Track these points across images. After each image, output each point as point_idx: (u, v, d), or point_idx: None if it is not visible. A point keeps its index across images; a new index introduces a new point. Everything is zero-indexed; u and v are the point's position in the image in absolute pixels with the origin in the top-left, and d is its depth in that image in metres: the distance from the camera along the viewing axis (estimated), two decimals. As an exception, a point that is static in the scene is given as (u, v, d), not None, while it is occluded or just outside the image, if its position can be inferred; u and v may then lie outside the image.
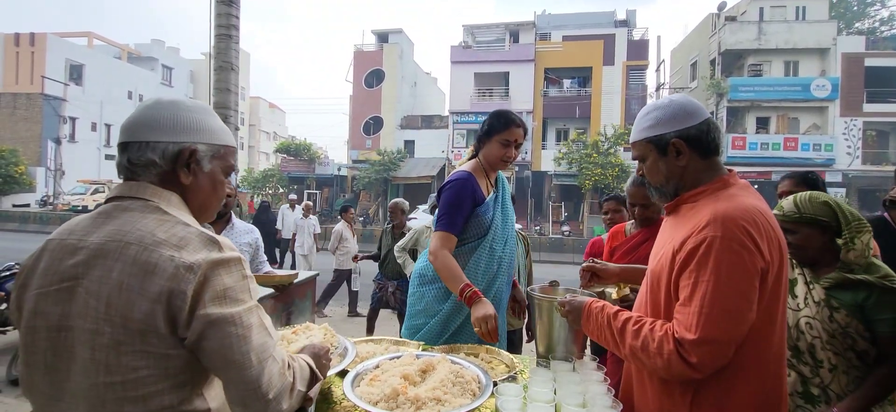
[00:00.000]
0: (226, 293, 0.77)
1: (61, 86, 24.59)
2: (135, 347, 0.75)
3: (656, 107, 1.16)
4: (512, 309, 2.05)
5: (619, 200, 2.82)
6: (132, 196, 0.83)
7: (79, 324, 0.76)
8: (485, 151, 1.84)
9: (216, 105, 3.71)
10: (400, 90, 26.34)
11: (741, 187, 1.09)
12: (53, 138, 24.10)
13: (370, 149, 25.15)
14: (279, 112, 49.45)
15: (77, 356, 0.76)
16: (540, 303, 1.52)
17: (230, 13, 3.62)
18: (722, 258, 0.95)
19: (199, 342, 0.76)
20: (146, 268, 0.75)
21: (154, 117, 0.85)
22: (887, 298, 1.36)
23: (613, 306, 1.19)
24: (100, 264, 0.76)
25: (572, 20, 25.27)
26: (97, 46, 30.84)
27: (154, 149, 0.84)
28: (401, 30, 27.54)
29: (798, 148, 19.38)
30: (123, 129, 0.87)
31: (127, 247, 0.76)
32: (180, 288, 0.74)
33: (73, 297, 0.77)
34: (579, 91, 23.46)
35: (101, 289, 0.75)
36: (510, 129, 1.78)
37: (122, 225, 0.79)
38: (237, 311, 0.78)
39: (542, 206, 22.81)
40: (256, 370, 0.77)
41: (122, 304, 0.74)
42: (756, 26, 20.73)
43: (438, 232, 1.75)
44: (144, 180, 0.85)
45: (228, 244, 0.83)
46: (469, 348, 1.69)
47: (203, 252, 0.78)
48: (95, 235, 0.79)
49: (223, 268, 0.78)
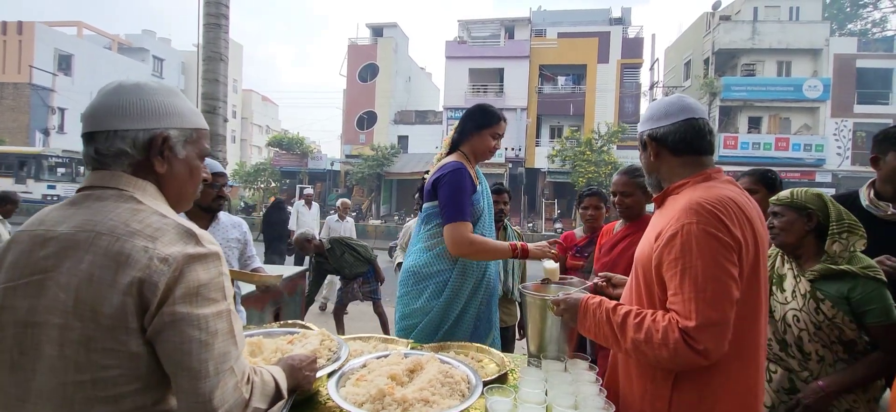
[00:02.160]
0: (198, 291, 0.73)
1: (50, 76, 24.14)
2: (105, 344, 0.71)
3: (649, 106, 1.27)
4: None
5: (600, 196, 2.80)
6: (105, 185, 0.79)
7: (47, 320, 0.72)
8: (475, 144, 1.88)
9: (205, 95, 3.64)
10: (394, 85, 26.18)
11: (722, 181, 1.14)
12: (41, 129, 23.67)
13: (364, 143, 24.99)
14: (272, 105, 48.98)
15: (44, 353, 0.72)
16: (532, 302, 1.49)
17: (220, 2, 3.54)
18: (702, 242, 1.00)
19: (158, 336, 0.72)
20: (118, 260, 0.71)
21: (119, 103, 0.80)
22: (871, 288, 1.40)
23: (611, 301, 1.18)
24: (70, 255, 0.72)
25: (568, 17, 25.24)
26: (87, 36, 30.29)
27: (123, 137, 0.79)
28: (396, 24, 27.34)
29: (789, 148, 19.56)
30: (87, 118, 0.81)
31: (99, 238, 0.73)
32: (152, 279, 0.70)
33: (42, 291, 0.72)
34: (574, 88, 23.47)
35: (71, 282, 0.71)
36: (500, 123, 1.89)
37: (93, 214, 0.75)
38: (205, 313, 0.74)
39: (536, 203, 22.84)
40: (211, 382, 0.73)
41: (93, 297, 0.70)
42: (750, 26, 20.84)
43: (453, 224, 1.72)
44: (117, 170, 0.80)
45: (208, 237, 0.78)
46: (459, 346, 1.66)
47: (179, 244, 0.74)
48: (65, 225, 0.75)
49: (199, 264, 0.74)
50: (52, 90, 23.95)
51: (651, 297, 1.11)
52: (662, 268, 1.06)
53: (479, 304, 1.85)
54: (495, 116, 1.89)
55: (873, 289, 1.40)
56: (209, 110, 3.59)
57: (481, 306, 1.86)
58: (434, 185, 1.80)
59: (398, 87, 26.69)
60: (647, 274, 1.12)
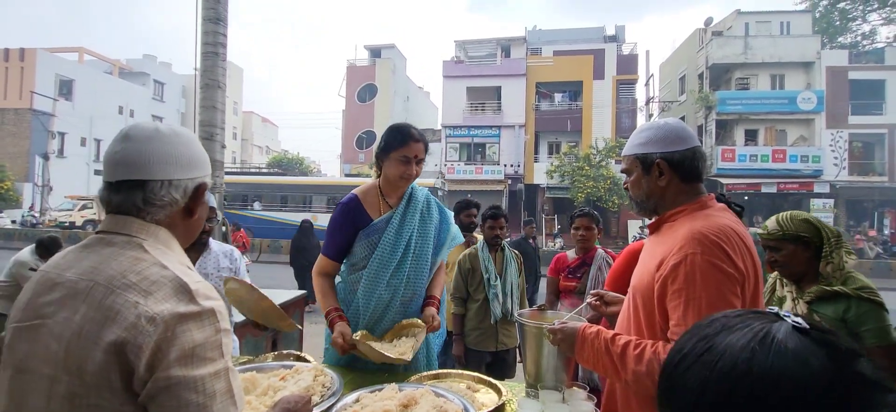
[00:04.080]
0: (194, 352, 0.70)
1: (50, 101, 24.37)
2: (90, 401, 0.69)
3: (650, 127, 1.21)
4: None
5: (591, 217, 2.81)
6: (117, 231, 0.78)
7: (38, 369, 0.70)
8: (385, 169, 1.70)
9: (202, 122, 3.66)
10: (393, 104, 26.43)
11: (717, 209, 1.14)
12: (41, 154, 23.78)
13: (363, 162, 25.11)
14: (272, 126, 49.36)
15: (29, 404, 0.70)
16: (528, 330, 1.47)
17: (217, 31, 3.59)
18: (707, 273, 0.99)
19: (152, 401, 0.69)
20: (107, 314, 0.69)
21: (172, 153, 0.80)
22: (865, 309, 1.38)
23: (609, 331, 1.16)
24: (68, 304, 0.71)
25: (562, 36, 25.63)
26: (88, 61, 30.70)
27: (177, 187, 0.80)
28: (393, 45, 27.75)
29: (786, 159, 19.65)
30: (130, 165, 0.78)
31: (95, 288, 0.71)
32: (137, 341, 0.68)
33: (37, 338, 0.71)
34: (570, 105, 23.69)
35: (64, 333, 0.70)
36: (409, 144, 1.64)
37: (98, 261, 0.75)
38: (202, 374, 0.70)
39: (536, 219, 22.82)
40: None
41: (79, 353, 0.69)
42: (742, 41, 21.16)
43: (321, 255, 1.77)
44: (146, 218, 0.79)
45: (204, 292, 0.75)
46: (457, 375, 1.63)
47: (171, 301, 0.71)
48: (72, 271, 0.75)
49: (193, 323, 0.71)
50: (53, 115, 24.15)
51: (652, 326, 1.09)
52: (665, 298, 1.04)
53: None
54: (401, 136, 1.65)
55: (867, 309, 1.38)
56: (207, 137, 3.61)
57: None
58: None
59: (397, 107, 26.94)
60: (647, 303, 1.10)
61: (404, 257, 1.71)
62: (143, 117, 32.02)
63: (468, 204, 3.31)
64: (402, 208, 1.75)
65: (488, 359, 2.80)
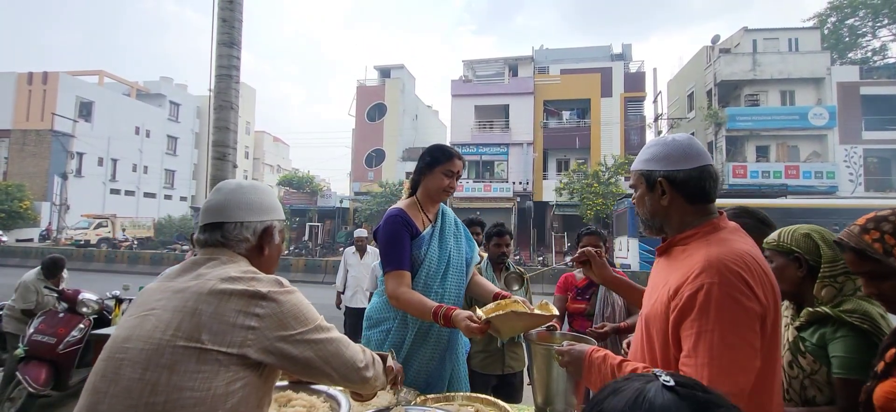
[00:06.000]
0: (298, 314, 0.91)
1: (70, 122, 25.12)
2: (189, 367, 0.80)
3: (657, 143, 1.15)
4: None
5: (598, 235, 2.78)
6: (212, 257, 0.96)
7: (136, 346, 0.82)
8: (427, 183, 1.83)
9: (215, 142, 3.74)
10: (401, 123, 26.74)
11: (731, 230, 1.07)
12: (60, 173, 24.41)
13: (372, 181, 25.31)
14: (283, 145, 50.17)
15: (122, 378, 0.80)
16: (537, 351, 1.45)
17: (231, 54, 3.70)
18: (723, 306, 0.92)
19: (294, 356, 0.89)
20: (221, 296, 0.85)
21: (245, 201, 1.02)
22: (843, 334, 1.17)
23: (617, 356, 1.13)
24: (177, 297, 0.86)
25: (569, 55, 25.86)
26: (108, 84, 31.68)
27: (248, 227, 1.01)
28: (402, 65, 28.22)
29: (799, 176, 19.37)
30: (213, 211, 1.01)
31: (205, 282, 0.88)
32: (254, 311, 0.85)
33: (143, 323, 0.84)
34: (578, 122, 23.75)
35: (174, 317, 0.83)
36: (453, 160, 1.82)
37: (205, 269, 0.93)
38: (317, 323, 0.94)
39: (545, 237, 22.68)
40: (347, 355, 0.97)
41: (191, 327, 0.82)
42: (750, 58, 21.14)
43: (389, 273, 1.71)
44: (232, 249, 0.99)
45: (288, 283, 0.96)
46: (464, 397, 1.61)
47: (275, 286, 0.91)
48: (180, 278, 0.92)
49: (293, 296, 0.92)
50: (72, 136, 24.87)
51: (666, 356, 1.03)
52: (680, 328, 0.98)
53: (427, 358, 1.75)
54: (448, 153, 1.83)
55: (843, 335, 1.17)
56: (219, 157, 3.68)
57: (432, 362, 1.75)
58: (376, 232, 1.81)
59: (405, 126, 27.24)
60: (661, 333, 1.04)
61: (448, 268, 1.81)
62: (158, 138, 32.85)
63: (472, 221, 3.27)
64: (440, 222, 1.86)
65: (494, 383, 2.72)
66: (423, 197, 1.84)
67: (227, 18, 3.69)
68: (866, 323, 1.16)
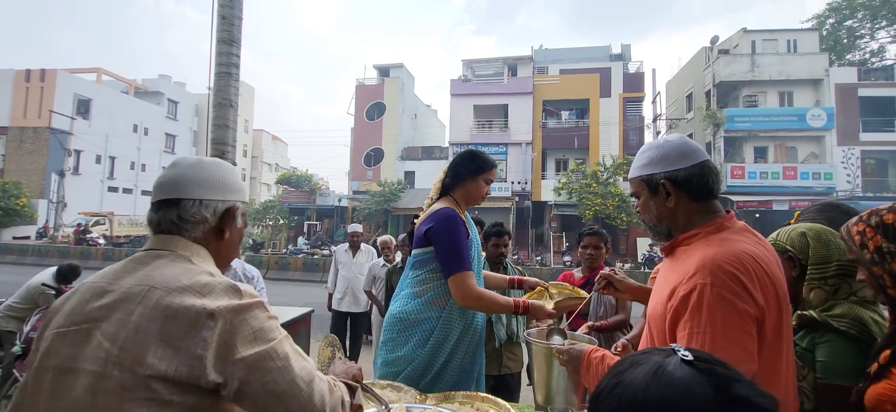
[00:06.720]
0: (255, 334, 0.79)
1: (68, 119, 25.02)
2: (138, 394, 0.73)
3: (652, 146, 1.14)
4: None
5: (599, 235, 2.78)
6: (164, 248, 0.87)
7: (85, 368, 0.74)
8: (469, 189, 1.89)
9: (214, 140, 3.73)
10: (400, 122, 26.72)
11: (736, 230, 1.04)
12: (57, 171, 24.32)
13: (371, 179, 25.29)
14: (282, 144, 50.08)
15: (74, 401, 0.74)
16: (537, 350, 1.45)
17: (230, 52, 3.68)
18: (715, 307, 0.90)
19: (244, 388, 0.77)
20: (166, 313, 0.75)
21: (205, 177, 0.91)
22: (827, 340, 1.13)
23: (614, 356, 1.14)
24: (122, 308, 0.77)
25: (569, 55, 25.87)
26: (106, 81, 31.55)
27: (207, 206, 0.90)
28: (401, 64, 28.20)
29: (797, 176, 19.43)
30: (168, 186, 0.90)
31: (151, 292, 0.78)
32: (201, 335, 0.75)
33: (87, 340, 0.76)
34: (577, 122, 23.77)
35: (119, 333, 0.75)
36: (493, 169, 1.94)
37: (151, 270, 0.82)
38: (271, 346, 0.80)
39: (544, 236, 22.70)
40: (307, 392, 0.81)
41: (136, 349, 0.74)
42: (749, 59, 21.19)
43: (458, 274, 1.68)
44: (186, 236, 0.88)
45: (249, 290, 0.84)
46: (465, 396, 1.60)
47: (225, 299, 0.79)
48: (124, 280, 0.81)
49: (247, 313, 0.80)
50: (70, 133, 24.77)
51: None
52: (675, 329, 0.98)
53: (463, 355, 1.77)
54: (490, 163, 1.93)
55: (828, 340, 1.13)
56: (218, 154, 3.66)
57: (465, 357, 1.78)
58: (427, 232, 1.76)
59: (404, 125, 27.22)
60: (660, 333, 1.04)
61: (479, 267, 1.92)
62: (156, 135, 32.75)
63: (499, 231, 3.15)
64: (471, 225, 1.94)
65: (491, 384, 2.72)
66: (461, 200, 1.89)
67: (227, 16, 3.68)
68: (854, 328, 1.11)
